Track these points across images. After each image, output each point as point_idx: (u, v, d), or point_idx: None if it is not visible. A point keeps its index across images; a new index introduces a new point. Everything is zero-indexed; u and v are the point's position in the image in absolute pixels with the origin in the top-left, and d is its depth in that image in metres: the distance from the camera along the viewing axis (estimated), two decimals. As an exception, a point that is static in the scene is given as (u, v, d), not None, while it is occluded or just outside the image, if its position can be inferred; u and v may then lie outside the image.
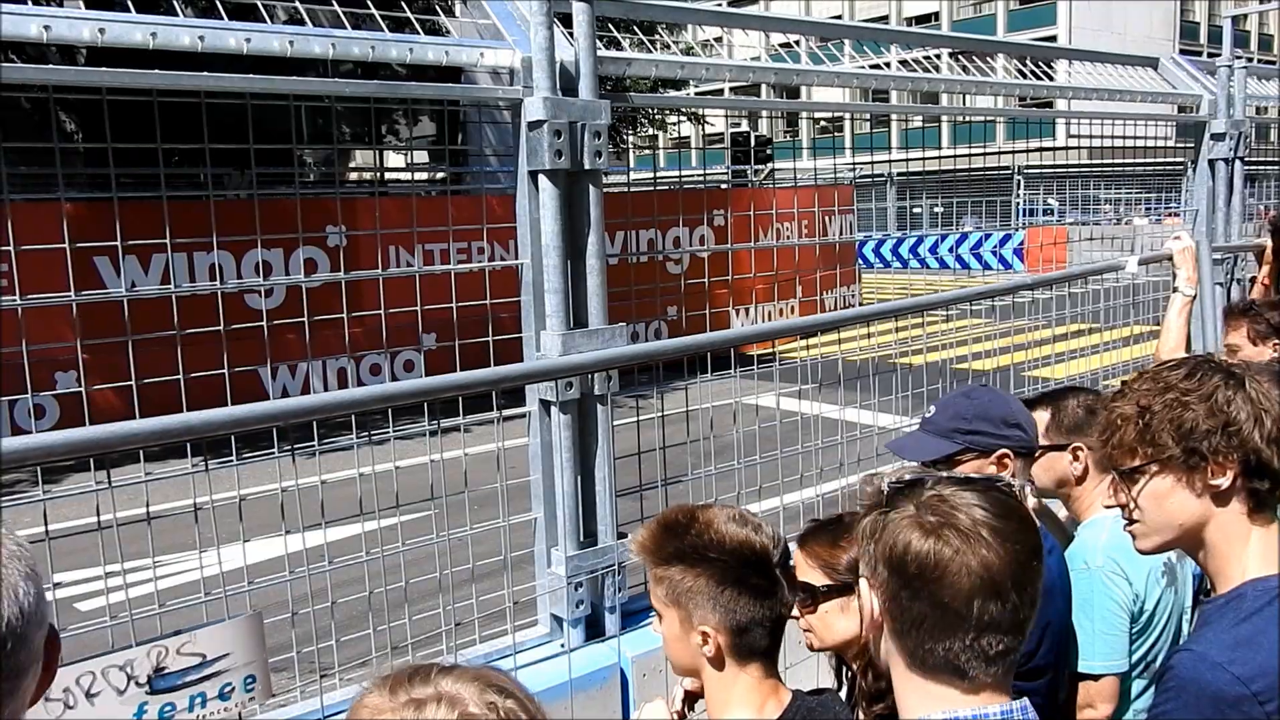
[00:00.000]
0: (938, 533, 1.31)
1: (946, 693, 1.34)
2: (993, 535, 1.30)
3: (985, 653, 1.30)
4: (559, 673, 2.88)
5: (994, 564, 1.29)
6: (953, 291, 4.02)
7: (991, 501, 1.33)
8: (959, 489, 1.35)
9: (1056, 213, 17.81)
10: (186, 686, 2.03)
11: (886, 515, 1.37)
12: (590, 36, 2.83)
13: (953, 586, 1.30)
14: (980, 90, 4.27)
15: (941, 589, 1.30)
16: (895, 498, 1.39)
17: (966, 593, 1.29)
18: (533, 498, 3.01)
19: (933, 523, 1.32)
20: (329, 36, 2.46)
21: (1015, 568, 1.29)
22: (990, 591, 1.29)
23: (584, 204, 2.86)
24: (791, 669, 2.30)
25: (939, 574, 1.30)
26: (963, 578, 1.29)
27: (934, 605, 1.31)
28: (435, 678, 1.15)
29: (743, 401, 3.58)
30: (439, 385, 2.13)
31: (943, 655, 1.32)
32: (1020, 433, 2.31)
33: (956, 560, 1.30)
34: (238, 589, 2.44)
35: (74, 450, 1.70)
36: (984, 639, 1.30)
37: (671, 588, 1.79)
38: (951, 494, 1.35)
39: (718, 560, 1.76)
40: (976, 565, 1.29)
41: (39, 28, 2.04)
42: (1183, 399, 1.66)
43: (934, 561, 1.31)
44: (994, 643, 1.30)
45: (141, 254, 10.43)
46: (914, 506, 1.36)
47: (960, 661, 1.31)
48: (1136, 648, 2.39)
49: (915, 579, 1.32)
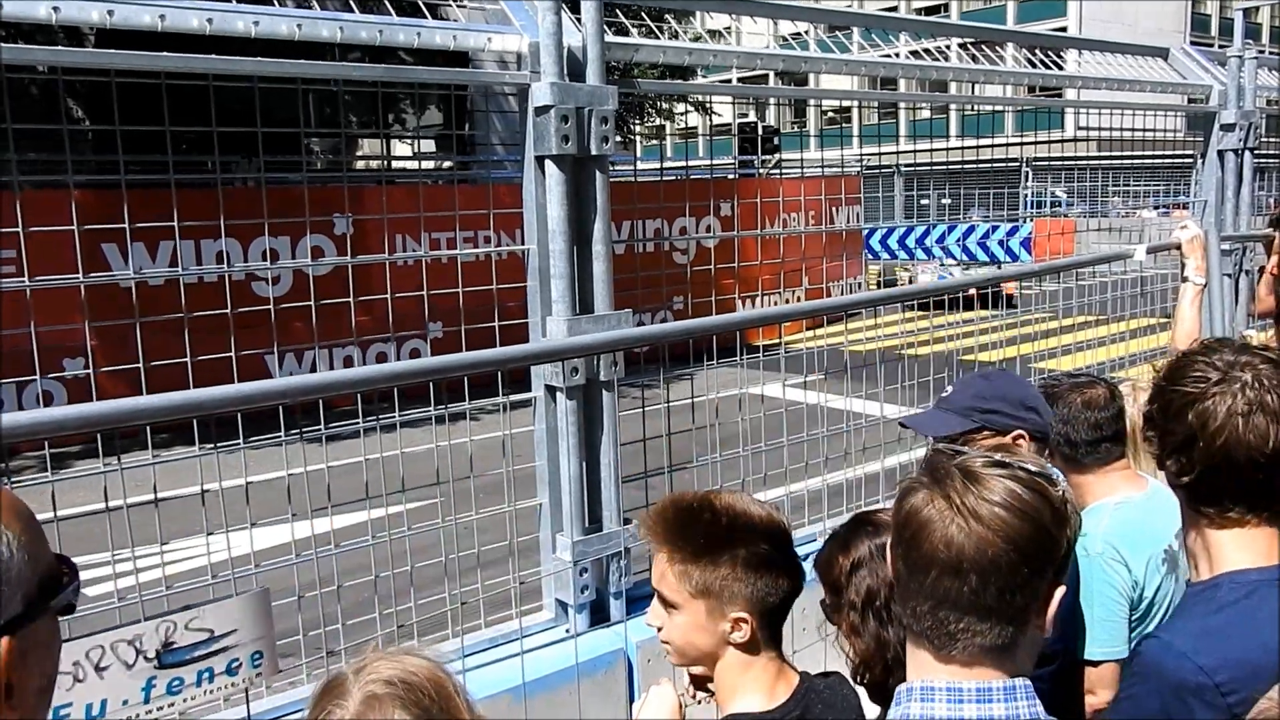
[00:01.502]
0: (929, 496, 1.33)
1: (923, 657, 1.36)
2: (971, 515, 1.29)
3: (944, 626, 1.31)
4: (564, 658, 2.89)
5: (956, 541, 1.28)
6: (959, 279, 4.01)
7: (1002, 488, 1.30)
8: (991, 468, 1.33)
9: (1064, 205, 17.75)
10: (194, 661, 2.04)
11: (914, 479, 1.38)
12: (598, 22, 2.82)
13: (918, 550, 1.32)
14: (989, 79, 4.25)
15: (911, 550, 1.33)
16: (932, 463, 1.38)
17: (925, 559, 1.31)
18: (538, 483, 3.01)
19: (932, 488, 1.33)
20: (337, 20, 2.46)
21: (978, 553, 1.28)
22: (946, 566, 1.29)
23: (590, 190, 2.86)
24: (799, 653, 2.30)
25: (911, 534, 1.33)
26: (926, 545, 1.30)
27: (905, 564, 1.35)
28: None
29: (748, 391, 3.58)
30: (446, 365, 2.13)
31: (910, 617, 1.35)
32: (1036, 416, 2.32)
33: (928, 526, 1.31)
34: (245, 572, 2.45)
35: (86, 424, 1.71)
36: (940, 612, 1.31)
37: (702, 578, 1.75)
38: (972, 468, 1.33)
39: (751, 544, 1.75)
40: (941, 536, 1.29)
41: (48, 9, 2.04)
42: None
43: (912, 521, 1.33)
44: (951, 619, 1.31)
45: (149, 241, 10.44)
46: (929, 473, 1.36)
47: (924, 628, 1.34)
48: (1136, 634, 2.39)
49: (898, 535, 1.36)
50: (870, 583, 1.83)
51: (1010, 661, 1.34)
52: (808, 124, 26.52)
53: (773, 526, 1.79)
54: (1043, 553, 1.31)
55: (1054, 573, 1.33)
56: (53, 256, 2.90)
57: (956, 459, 1.36)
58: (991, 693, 1.32)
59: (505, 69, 2.84)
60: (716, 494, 1.84)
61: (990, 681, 1.32)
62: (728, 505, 1.79)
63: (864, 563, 1.86)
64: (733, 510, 1.79)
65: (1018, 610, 1.31)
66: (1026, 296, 5.51)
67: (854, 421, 3.82)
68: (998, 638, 1.31)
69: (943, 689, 1.33)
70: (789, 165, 15.56)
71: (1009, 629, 1.31)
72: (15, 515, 1.00)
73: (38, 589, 1.01)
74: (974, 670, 1.33)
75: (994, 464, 1.33)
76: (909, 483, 1.38)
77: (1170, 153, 7.04)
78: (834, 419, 3.75)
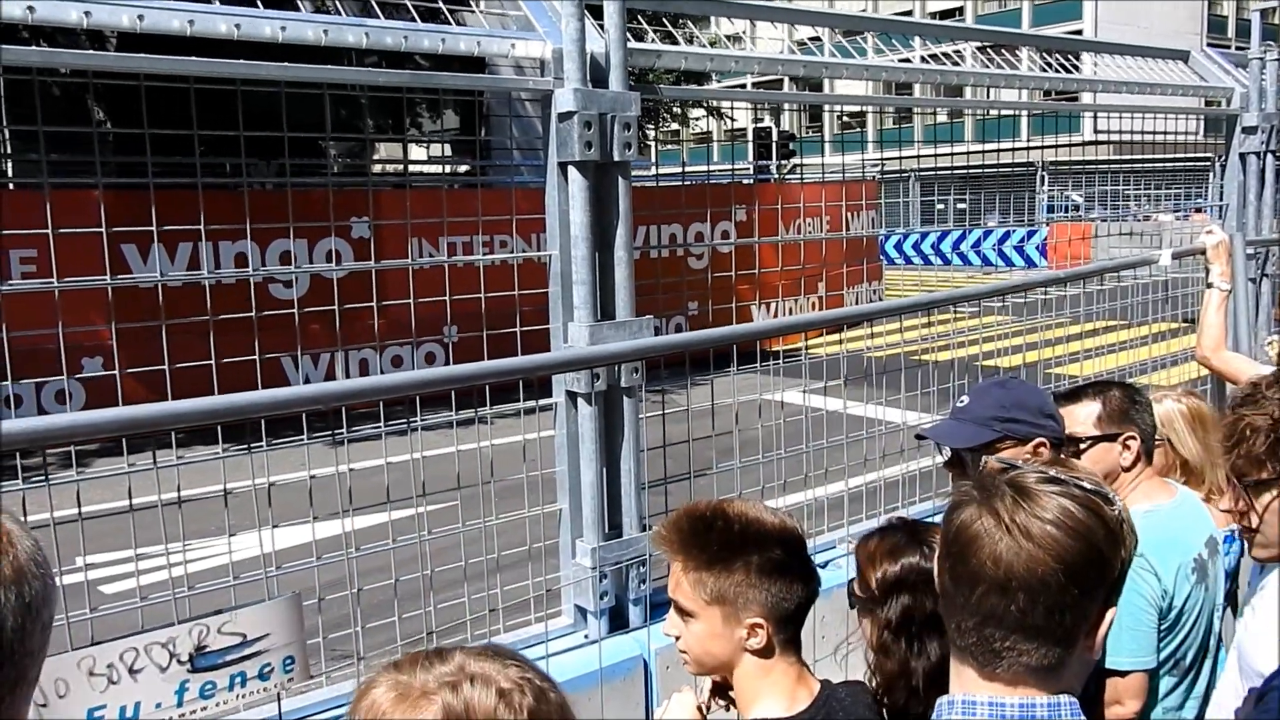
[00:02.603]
0: (980, 512, 1.30)
1: (968, 674, 1.34)
2: (1022, 533, 1.26)
3: (989, 644, 1.29)
4: (583, 663, 2.89)
5: (1004, 558, 1.26)
6: (985, 285, 4.00)
7: (1056, 506, 1.28)
8: (1046, 484, 1.30)
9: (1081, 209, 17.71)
10: (227, 665, 2.05)
11: (966, 490, 1.36)
12: (621, 28, 2.83)
13: (965, 565, 1.29)
14: (1006, 84, 4.24)
15: (958, 564, 1.31)
16: (988, 476, 1.36)
17: (972, 575, 1.28)
18: (559, 489, 3.01)
19: (984, 502, 1.31)
20: (362, 26, 2.47)
21: (1028, 572, 1.25)
22: (994, 584, 1.27)
23: (613, 195, 2.86)
24: (821, 661, 2.30)
25: (959, 549, 1.30)
26: (974, 560, 1.28)
27: (952, 579, 1.32)
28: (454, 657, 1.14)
29: (767, 397, 3.58)
30: (473, 372, 2.14)
31: (955, 632, 1.33)
32: (1054, 423, 2.32)
33: (976, 541, 1.28)
34: (261, 574, 2.45)
35: (118, 429, 1.71)
36: (986, 629, 1.29)
37: (716, 586, 1.75)
38: (1024, 484, 1.31)
39: (765, 550, 1.75)
40: (989, 553, 1.27)
41: (79, 14, 2.06)
42: None
43: (964, 535, 1.31)
44: (997, 636, 1.28)
45: (169, 243, 10.50)
46: (985, 482, 1.34)
47: (969, 644, 1.31)
48: (1165, 644, 2.37)
49: (946, 548, 1.34)
50: (909, 604, 1.83)
51: (1056, 683, 1.31)
52: (824, 129, 26.54)
53: (786, 533, 1.80)
54: (1094, 574, 1.28)
55: (1105, 595, 1.30)
56: (73, 256, 2.91)
57: (1009, 473, 1.34)
58: (1035, 709, 1.29)
59: (523, 74, 2.85)
60: (729, 502, 1.85)
61: (1034, 698, 1.30)
62: (740, 513, 1.81)
63: (908, 584, 1.85)
64: (745, 517, 1.80)
65: (1066, 631, 1.28)
66: (1045, 301, 5.48)
67: (874, 427, 3.81)
68: (1044, 658, 1.28)
69: (984, 703, 1.30)
70: (804, 170, 15.55)
71: (1056, 650, 1.28)
72: None
73: None
74: (1018, 690, 1.30)
75: (1048, 480, 1.31)
76: (959, 496, 1.36)
77: (1187, 155, 7.00)
78: (854, 425, 3.74)
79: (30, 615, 0.99)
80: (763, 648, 1.77)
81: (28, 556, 1.01)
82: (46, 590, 1.03)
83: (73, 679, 1.91)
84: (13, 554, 0.99)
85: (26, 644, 0.99)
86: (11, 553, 0.99)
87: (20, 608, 0.98)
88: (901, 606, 1.83)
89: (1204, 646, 2.45)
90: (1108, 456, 2.53)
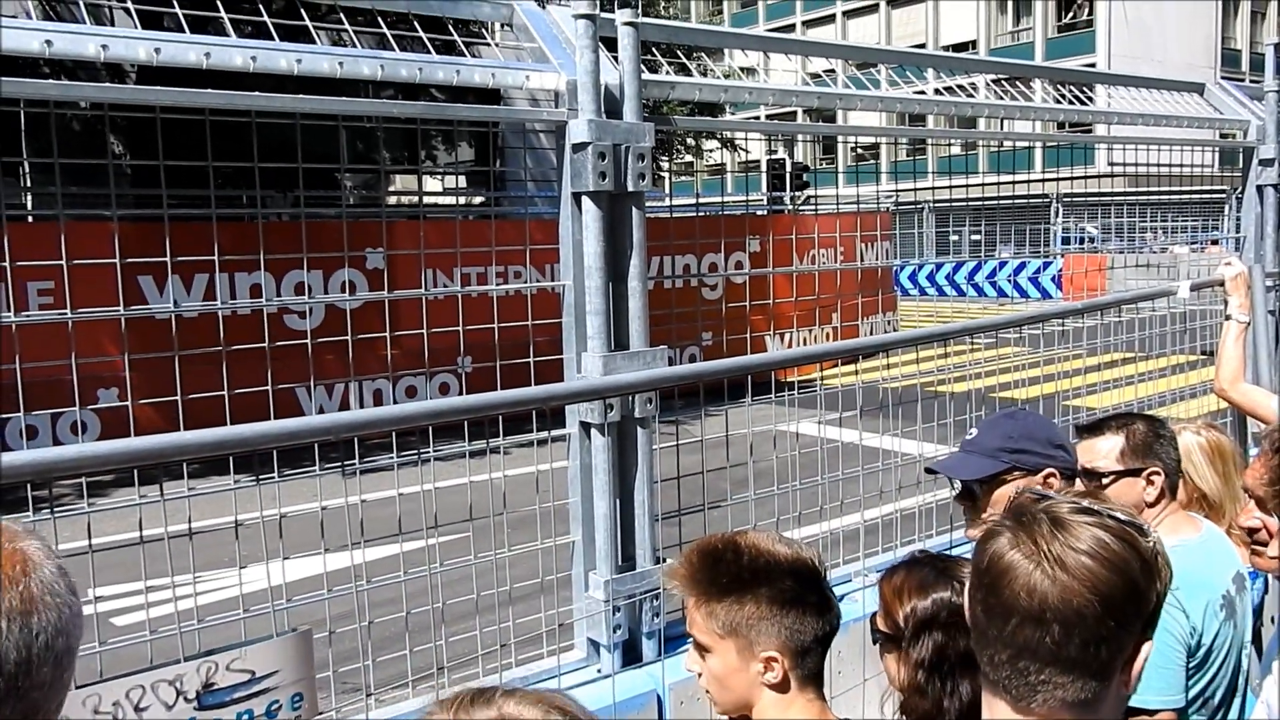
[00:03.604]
0: (1013, 542, 1.28)
1: (1000, 708, 1.31)
2: (1056, 563, 1.24)
3: (1024, 676, 1.27)
4: (596, 698, 2.85)
5: (1038, 589, 1.24)
6: (1000, 316, 3.98)
7: (1090, 536, 1.26)
8: (1079, 514, 1.29)
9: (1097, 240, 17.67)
10: (235, 703, 2.03)
11: (998, 522, 1.35)
12: (635, 60, 2.84)
13: (997, 596, 1.27)
14: (1021, 115, 4.24)
15: (990, 595, 1.29)
16: (1016, 508, 1.35)
17: (1005, 607, 1.26)
18: (572, 520, 2.99)
19: (1016, 533, 1.29)
20: (377, 58, 2.48)
21: (1063, 603, 1.23)
22: (1027, 615, 1.25)
23: (627, 226, 2.86)
24: (838, 699, 2.26)
25: (991, 580, 1.29)
26: (1007, 591, 1.26)
27: (983, 610, 1.30)
28: (498, 700, 1.12)
29: (782, 428, 3.56)
30: (485, 403, 2.13)
31: (988, 665, 1.31)
32: (1065, 454, 2.30)
33: (1009, 572, 1.26)
34: (269, 607, 2.43)
35: (129, 460, 1.71)
36: (1020, 662, 1.26)
37: (728, 618, 1.73)
38: (1058, 514, 1.29)
39: (775, 582, 1.73)
40: (1023, 584, 1.25)
41: (96, 47, 2.07)
42: None
43: (992, 566, 1.29)
44: (1031, 669, 1.26)
45: (184, 274, 10.57)
46: (1020, 513, 1.32)
47: (1002, 677, 1.29)
48: (1194, 683, 2.32)
49: (977, 579, 1.32)
50: (942, 642, 1.80)
51: (1093, 718, 1.28)
52: (837, 160, 26.65)
53: (799, 564, 1.77)
54: (1130, 606, 1.26)
55: (1142, 627, 1.28)
56: (90, 289, 2.92)
57: (1042, 503, 1.32)
58: None
59: (537, 105, 2.86)
60: (741, 534, 1.83)
61: None
62: (751, 544, 1.78)
63: (940, 622, 1.82)
64: (756, 549, 1.77)
65: (1102, 664, 1.26)
66: (1060, 333, 5.45)
67: (889, 459, 3.78)
68: (1080, 691, 1.26)
69: None
70: (819, 201, 15.57)
71: (1092, 683, 1.26)
72: None
73: None
74: None
75: (1081, 510, 1.29)
76: (992, 526, 1.34)
77: (1202, 188, 6.99)
78: (870, 457, 3.71)
79: (38, 646, 0.96)
80: (779, 682, 1.73)
81: (44, 586, 0.98)
82: (64, 620, 0.99)
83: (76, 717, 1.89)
84: (24, 584, 0.97)
85: (34, 677, 0.96)
86: (23, 582, 0.97)
87: (25, 640, 0.95)
88: (934, 644, 1.80)
89: (1233, 685, 2.40)
90: (1131, 492, 2.49)
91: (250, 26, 2.51)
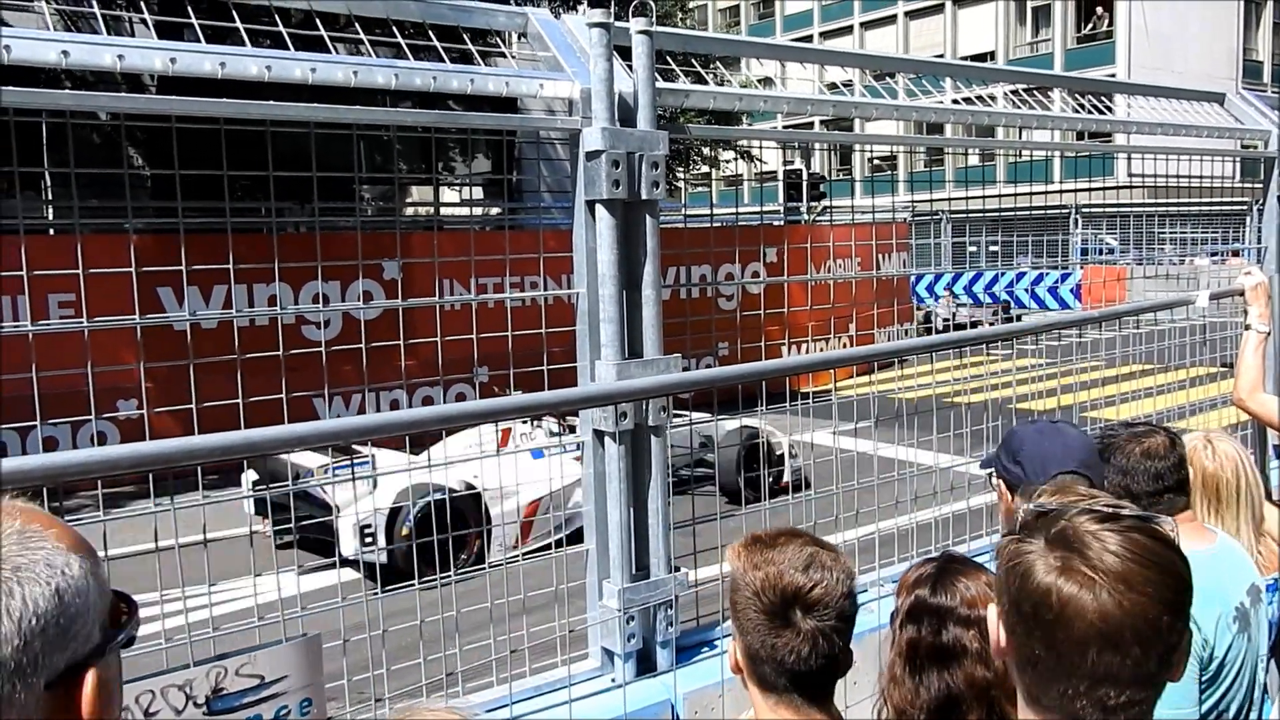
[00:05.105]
0: (1060, 571, 1.23)
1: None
2: (1118, 581, 1.20)
3: (1103, 703, 1.22)
4: (609, 707, 2.84)
5: (1113, 614, 1.19)
6: (1017, 324, 3.95)
7: (1130, 543, 1.23)
8: (1101, 524, 1.25)
9: (1116, 251, 17.57)
10: (244, 708, 2.03)
11: (1019, 542, 1.30)
12: (649, 68, 2.84)
13: (1066, 630, 1.21)
14: (1040, 124, 4.22)
15: (1056, 631, 1.22)
16: (1033, 524, 1.31)
17: (1080, 639, 1.21)
18: (585, 529, 2.98)
19: (1057, 559, 1.24)
20: (392, 67, 2.49)
21: (1139, 620, 1.19)
22: (1106, 642, 1.20)
23: (641, 234, 2.86)
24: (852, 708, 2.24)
25: (1054, 615, 1.22)
26: (1078, 623, 1.20)
27: (1047, 647, 1.24)
28: None
29: (796, 438, 3.54)
30: (498, 408, 2.13)
31: (1057, 698, 1.25)
32: (1019, 470, 2.32)
33: (1074, 603, 1.21)
34: (279, 617, 2.43)
35: (139, 464, 1.71)
36: (1100, 690, 1.21)
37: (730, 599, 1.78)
38: (1090, 528, 1.25)
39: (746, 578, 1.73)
40: (1095, 612, 1.20)
41: (113, 57, 2.09)
42: None
43: (1051, 601, 1.23)
44: (1112, 694, 1.21)
45: (203, 286, 10.64)
46: (1045, 539, 1.27)
47: (1075, 708, 1.23)
48: (1207, 697, 2.28)
49: (1031, 617, 1.25)
50: (914, 635, 1.84)
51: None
52: (854, 170, 26.65)
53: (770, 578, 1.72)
54: (1187, 596, 1.25)
55: (1188, 617, 1.26)
56: (108, 300, 2.94)
57: (1056, 521, 1.28)
58: None
59: (553, 115, 2.86)
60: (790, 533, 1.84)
61: None
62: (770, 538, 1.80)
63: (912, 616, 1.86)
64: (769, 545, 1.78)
65: (1170, 666, 1.24)
66: (1079, 344, 5.42)
67: (904, 469, 3.76)
68: (1151, 700, 1.24)
69: None
70: (835, 211, 15.57)
71: (1160, 687, 1.25)
72: (84, 546, 0.98)
73: (109, 620, 0.98)
74: None
75: (1100, 517, 1.26)
76: (1017, 559, 1.28)
77: (1223, 200, 6.93)
78: (885, 467, 3.69)
79: None
80: (734, 669, 1.79)
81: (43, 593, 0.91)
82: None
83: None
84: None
85: None
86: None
87: None
88: (908, 638, 1.85)
89: (1248, 698, 2.36)
90: None
91: (268, 38, 2.52)
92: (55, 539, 0.95)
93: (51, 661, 0.91)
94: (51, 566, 0.93)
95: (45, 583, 0.91)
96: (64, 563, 0.94)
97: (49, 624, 0.91)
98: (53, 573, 0.92)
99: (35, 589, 0.90)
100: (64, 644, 0.92)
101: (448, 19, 2.82)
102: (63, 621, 0.92)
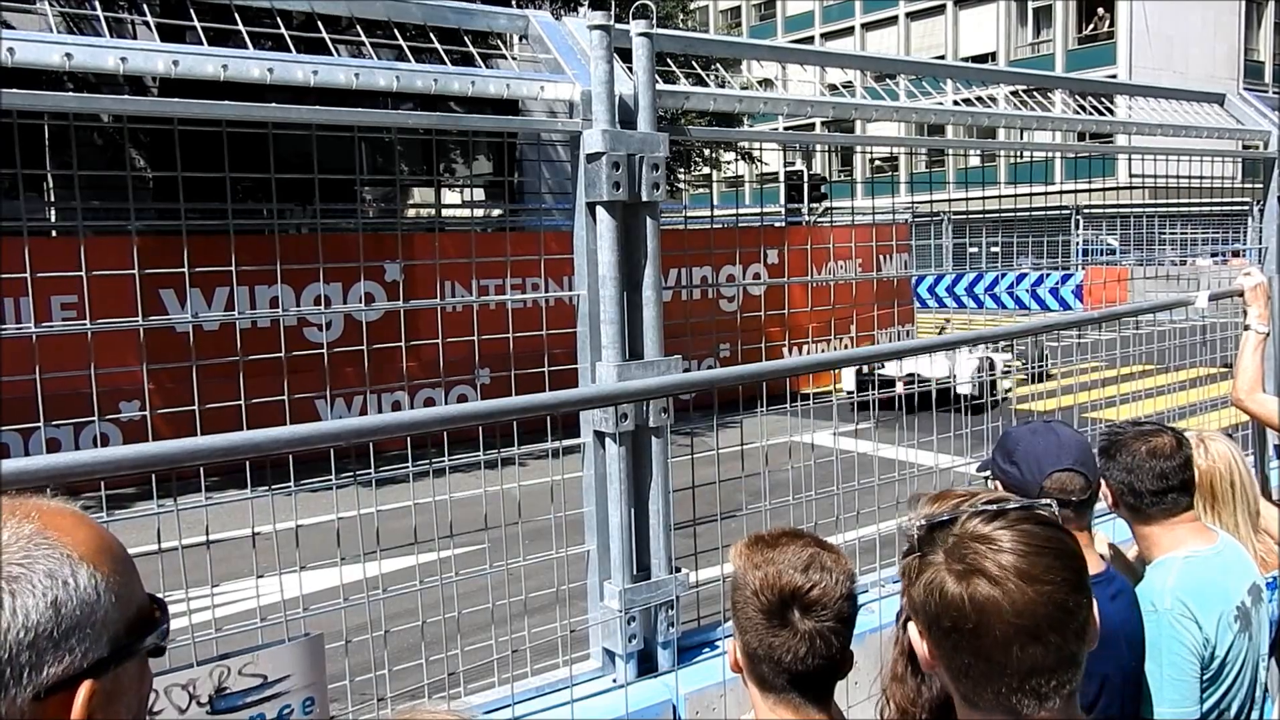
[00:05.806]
0: (967, 580, 1.28)
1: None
2: (1021, 577, 1.25)
3: (1037, 691, 1.27)
4: (611, 708, 2.85)
5: (1026, 608, 1.24)
6: (1017, 324, 3.96)
7: (1022, 536, 1.28)
8: (991, 524, 1.31)
9: (1117, 252, 17.56)
10: (247, 707, 2.03)
11: (921, 559, 1.34)
12: (650, 70, 2.85)
13: (989, 635, 1.26)
14: (1040, 125, 4.22)
15: (979, 639, 1.27)
16: (928, 540, 1.35)
17: (1003, 640, 1.26)
18: (586, 530, 2.99)
19: (960, 570, 1.29)
20: (393, 70, 2.50)
21: (1050, 607, 1.25)
22: (1028, 636, 1.25)
23: (641, 235, 2.86)
24: (853, 708, 2.25)
25: (974, 624, 1.27)
26: (998, 625, 1.25)
27: (975, 654, 1.28)
28: None
29: (797, 439, 3.55)
30: (500, 409, 2.13)
31: (992, 697, 1.30)
32: (1015, 470, 2.33)
33: (988, 608, 1.26)
34: (282, 618, 2.44)
35: (141, 465, 1.72)
36: (1031, 681, 1.27)
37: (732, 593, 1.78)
38: (982, 531, 1.30)
39: (747, 578, 1.74)
40: (1009, 610, 1.25)
41: (116, 60, 2.10)
42: None
43: (967, 611, 1.27)
44: (1042, 682, 1.27)
45: (205, 288, 10.67)
46: (944, 552, 1.32)
47: (1011, 703, 1.28)
48: (1208, 695, 2.29)
49: (953, 630, 1.29)
50: None
51: None
52: (855, 171, 26.66)
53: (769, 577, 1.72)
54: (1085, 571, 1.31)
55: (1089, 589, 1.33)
56: (111, 302, 2.95)
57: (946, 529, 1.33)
58: None
59: (554, 117, 2.87)
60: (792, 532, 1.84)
61: None
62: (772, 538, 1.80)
63: None
64: (771, 544, 1.79)
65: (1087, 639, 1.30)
66: (1081, 345, 5.42)
67: (905, 470, 3.76)
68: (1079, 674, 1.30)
69: None
70: (837, 212, 15.56)
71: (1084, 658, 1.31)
72: (107, 554, 0.95)
73: (126, 631, 0.95)
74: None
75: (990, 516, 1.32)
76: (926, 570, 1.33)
77: (1224, 200, 6.93)
78: (885, 467, 3.69)
79: None
80: (732, 666, 1.79)
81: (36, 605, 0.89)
82: None
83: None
84: None
85: None
86: None
87: None
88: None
89: (1250, 697, 2.37)
90: None
91: (270, 41, 2.53)
92: (68, 546, 0.92)
93: (41, 674, 0.88)
94: (51, 577, 0.90)
95: (41, 594, 0.89)
96: (67, 573, 0.91)
97: (39, 636, 0.88)
98: (51, 583, 0.90)
99: (29, 599, 0.88)
100: (57, 657, 0.89)
101: (449, 21, 2.83)
102: (56, 634, 0.89)
